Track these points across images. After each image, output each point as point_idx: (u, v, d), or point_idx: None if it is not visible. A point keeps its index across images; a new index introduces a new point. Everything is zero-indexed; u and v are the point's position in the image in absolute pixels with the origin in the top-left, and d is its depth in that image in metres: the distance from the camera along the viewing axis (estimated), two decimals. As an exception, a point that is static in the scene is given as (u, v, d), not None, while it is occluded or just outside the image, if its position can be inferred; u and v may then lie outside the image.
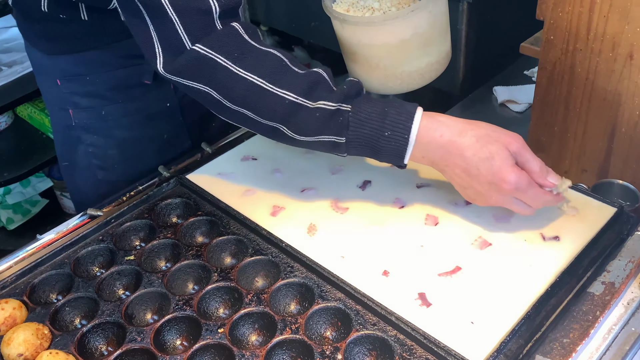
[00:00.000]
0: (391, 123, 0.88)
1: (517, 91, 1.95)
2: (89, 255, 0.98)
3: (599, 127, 1.41)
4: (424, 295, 0.87)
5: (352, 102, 0.89)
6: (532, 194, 0.89)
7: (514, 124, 1.89)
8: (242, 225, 1.00)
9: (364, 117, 0.89)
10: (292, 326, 0.85)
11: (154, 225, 1.02)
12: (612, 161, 1.44)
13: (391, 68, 1.14)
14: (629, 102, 1.32)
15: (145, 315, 0.90)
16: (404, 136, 0.88)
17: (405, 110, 0.89)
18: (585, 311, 0.79)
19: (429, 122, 0.89)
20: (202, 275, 0.94)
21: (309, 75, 0.90)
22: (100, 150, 1.24)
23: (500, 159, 0.87)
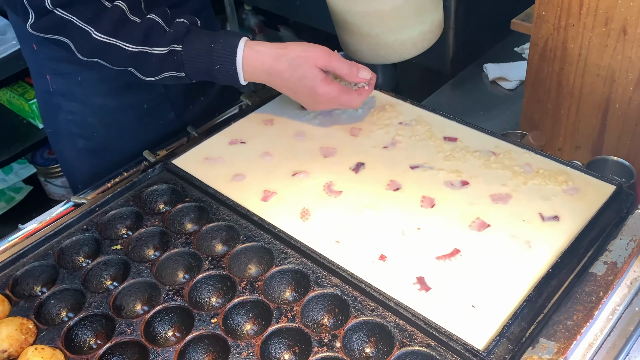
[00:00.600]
0: (218, 57, 1.02)
1: (508, 68, 1.93)
2: (73, 245, 0.94)
3: (592, 103, 1.39)
4: (422, 280, 0.84)
5: (182, 41, 1.01)
6: (344, 101, 1.07)
7: (506, 101, 1.87)
8: (232, 211, 0.97)
9: (195, 54, 1.02)
10: (288, 314, 0.82)
11: (140, 212, 0.99)
12: (606, 138, 1.43)
13: (383, 36, 1.12)
14: (623, 77, 1.30)
15: (134, 307, 0.87)
16: (232, 67, 1.03)
17: (229, 45, 1.02)
18: (588, 292, 0.78)
19: (250, 53, 1.03)
20: (193, 264, 0.91)
21: (143, 24, 1.00)
22: (79, 118, 1.24)
23: (310, 77, 1.04)
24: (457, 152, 1.04)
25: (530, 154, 1.03)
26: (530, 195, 0.95)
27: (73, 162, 1.33)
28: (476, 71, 1.96)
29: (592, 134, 1.44)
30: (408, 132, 1.10)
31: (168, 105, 1.27)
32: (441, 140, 1.07)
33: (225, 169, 1.06)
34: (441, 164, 1.02)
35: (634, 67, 1.27)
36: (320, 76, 1.04)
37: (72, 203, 1.06)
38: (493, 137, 1.08)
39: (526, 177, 0.98)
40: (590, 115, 1.41)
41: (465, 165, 1.02)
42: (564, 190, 0.95)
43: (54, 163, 2.31)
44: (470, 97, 1.89)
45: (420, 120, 1.12)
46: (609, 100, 1.36)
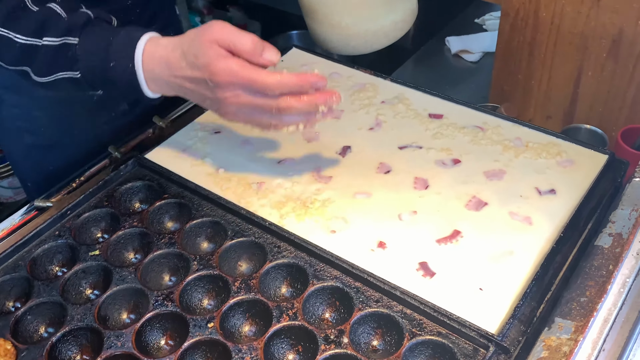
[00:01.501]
0: (114, 52, 0.84)
1: (470, 40, 1.91)
2: (46, 253, 0.87)
3: (564, 72, 1.38)
4: (425, 265, 0.81)
5: (79, 33, 0.85)
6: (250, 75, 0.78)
7: (470, 74, 1.85)
8: (216, 205, 0.91)
9: (90, 49, 0.85)
10: (289, 312, 0.77)
11: (116, 213, 0.92)
12: (577, 106, 1.42)
13: (353, 27, 1.08)
14: (596, 44, 1.29)
15: (120, 316, 0.81)
16: (128, 65, 0.84)
17: (129, 37, 0.84)
18: (597, 266, 0.76)
19: (151, 48, 0.84)
20: (179, 265, 0.85)
21: (40, 12, 0.85)
22: (24, 111, 1.15)
23: (203, 55, 0.80)
24: (445, 129, 1.01)
25: (519, 127, 1.01)
26: (524, 169, 0.93)
27: (22, 160, 1.25)
28: (438, 45, 1.93)
29: (563, 103, 1.44)
30: (391, 111, 1.06)
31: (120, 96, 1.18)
32: (426, 118, 1.04)
33: (204, 161, 0.99)
34: (430, 142, 0.99)
35: (608, 33, 1.26)
36: (216, 51, 0.79)
37: (34, 207, 0.98)
38: (479, 111, 1.05)
39: (517, 152, 0.96)
40: (562, 85, 1.41)
41: (454, 142, 0.99)
42: (558, 163, 0.93)
43: (0, 163, 2.18)
44: (434, 72, 1.87)
45: (402, 98, 1.08)
46: (581, 68, 1.35)
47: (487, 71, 1.80)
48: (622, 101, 1.32)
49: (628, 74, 1.28)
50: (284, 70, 0.80)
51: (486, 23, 1.95)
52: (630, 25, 1.22)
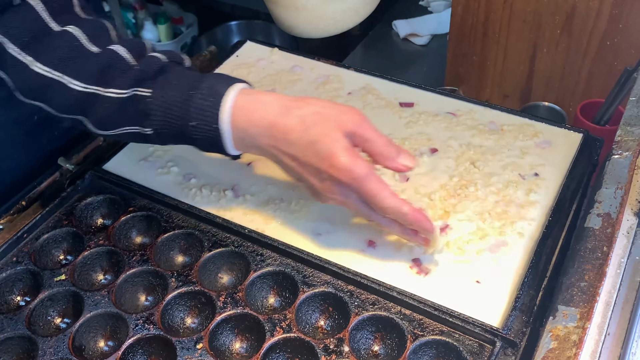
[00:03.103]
0: (196, 109, 0.73)
1: (417, 24, 1.90)
2: (5, 282, 0.79)
3: (519, 50, 1.38)
4: (418, 262, 0.78)
5: (152, 83, 0.74)
6: (372, 190, 0.70)
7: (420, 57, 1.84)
8: (188, 215, 0.85)
9: (166, 103, 0.73)
10: (282, 324, 0.73)
11: (78, 232, 0.84)
12: (534, 84, 1.43)
13: (320, 8, 1.03)
14: (550, 21, 1.30)
15: (97, 344, 0.74)
16: (212, 126, 0.73)
17: (214, 92, 0.73)
18: (591, 248, 0.75)
19: (247, 102, 0.73)
20: (155, 283, 0.79)
21: (102, 56, 0.75)
22: None
23: (329, 141, 0.70)
24: (417, 117, 0.98)
25: (490, 111, 0.99)
26: (504, 153, 0.91)
27: None
28: (385, 29, 1.91)
29: (519, 81, 1.44)
30: (361, 102, 1.02)
31: None
32: (398, 107, 1.00)
33: (169, 169, 0.93)
34: (404, 132, 0.96)
35: (561, 10, 1.26)
36: (344, 143, 0.70)
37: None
38: (449, 97, 1.03)
39: (493, 135, 0.94)
40: (518, 63, 1.41)
41: (428, 130, 0.96)
42: (536, 144, 0.92)
43: None
44: (384, 57, 1.85)
45: (369, 88, 1.05)
46: (536, 46, 1.35)
47: (436, 53, 1.79)
48: (578, 76, 1.34)
49: (582, 49, 1.29)
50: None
51: (431, 5, 1.94)
52: (583, 1, 1.23)
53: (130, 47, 0.76)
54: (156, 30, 2.40)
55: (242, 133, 0.74)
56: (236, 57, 1.14)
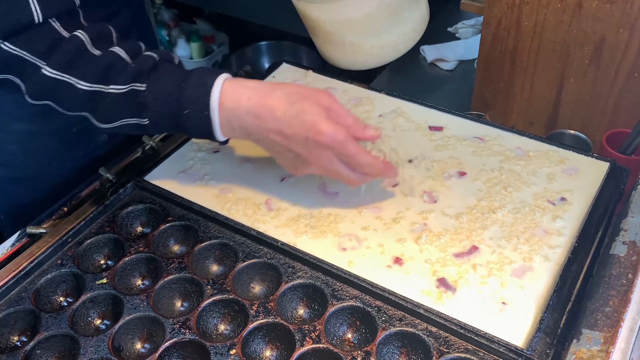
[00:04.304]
0: (188, 99, 0.82)
1: (445, 49, 1.93)
2: (49, 284, 0.83)
3: (546, 79, 1.41)
4: (444, 281, 0.80)
5: (147, 79, 0.83)
6: (351, 149, 0.82)
7: (446, 82, 1.87)
8: (224, 227, 0.89)
9: (160, 95, 0.82)
10: (312, 334, 0.75)
11: (119, 238, 0.88)
12: (560, 112, 1.45)
13: (359, 43, 1.06)
14: (578, 51, 1.32)
15: (134, 346, 0.78)
16: (203, 113, 0.82)
17: (202, 84, 0.82)
18: (616, 275, 0.77)
19: (233, 88, 0.83)
20: (191, 290, 0.83)
21: (104, 57, 0.83)
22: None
23: (311, 112, 0.81)
24: (446, 141, 1.01)
25: (517, 137, 1.02)
26: (531, 179, 0.93)
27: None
28: (413, 54, 1.95)
29: (546, 109, 1.47)
30: (391, 124, 1.05)
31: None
32: (427, 131, 1.04)
33: (206, 182, 0.97)
34: (433, 155, 0.99)
35: (589, 41, 1.29)
36: (324, 113, 0.81)
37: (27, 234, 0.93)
38: (477, 122, 1.06)
39: (521, 161, 0.97)
40: (545, 91, 1.43)
41: (457, 153, 0.99)
42: (564, 171, 0.94)
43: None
44: (411, 80, 1.88)
45: (399, 111, 1.08)
46: (564, 75, 1.38)
47: (463, 79, 1.82)
48: (604, 106, 1.36)
49: (610, 80, 1.31)
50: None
51: (459, 31, 1.97)
52: (612, 33, 1.25)
53: (128, 48, 0.85)
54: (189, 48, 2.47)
55: (229, 115, 0.82)
56: (272, 78, 1.19)
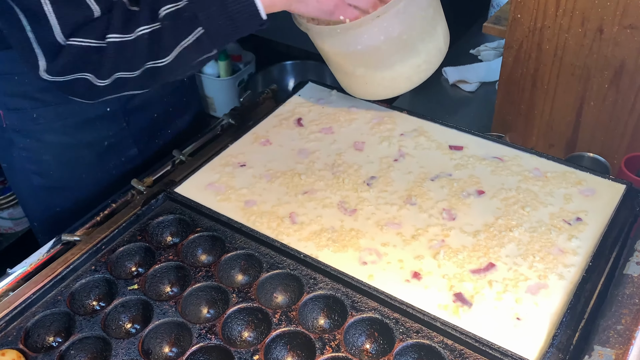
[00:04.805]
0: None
1: (467, 71, 1.96)
2: (84, 288, 0.87)
3: (567, 102, 1.43)
4: (461, 296, 0.83)
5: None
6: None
7: (467, 103, 1.90)
8: (249, 238, 0.93)
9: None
10: (332, 343, 0.79)
11: (150, 247, 0.93)
12: (579, 134, 1.47)
13: (369, 75, 1.07)
14: (598, 75, 1.34)
15: (162, 350, 0.81)
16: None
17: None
18: (629, 294, 0.79)
19: None
20: (217, 297, 0.86)
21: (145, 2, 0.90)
22: (33, 155, 1.16)
23: None
24: (466, 160, 1.04)
25: (535, 158, 1.05)
26: (548, 199, 0.96)
27: (29, 199, 1.26)
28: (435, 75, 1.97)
29: (565, 131, 1.49)
30: (412, 143, 1.09)
31: (131, 141, 1.20)
32: (447, 150, 1.07)
33: (232, 194, 1.01)
34: (454, 173, 1.02)
35: (609, 65, 1.31)
36: None
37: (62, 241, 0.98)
38: (497, 143, 1.09)
39: (538, 182, 0.99)
40: (565, 114, 1.45)
41: (476, 172, 1.02)
42: (580, 192, 0.97)
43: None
44: (433, 101, 1.91)
45: (421, 130, 1.12)
46: (583, 98, 1.40)
47: (484, 100, 1.85)
48: (624, 130, 1.37)
49: (629, 104, 1.33)
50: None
51: (481, 54, 2.00)
52: (632, 58, 1.27)
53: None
54: (216, 66, 2.53)
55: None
56: (298, 97, 1.23)
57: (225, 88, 2.54)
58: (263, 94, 1.31)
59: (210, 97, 2.58)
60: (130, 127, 1.18)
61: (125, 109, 1.16)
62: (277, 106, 1.21)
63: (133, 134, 1.19)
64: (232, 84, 2.54)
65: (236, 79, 2.55)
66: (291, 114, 1.18)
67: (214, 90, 2.56)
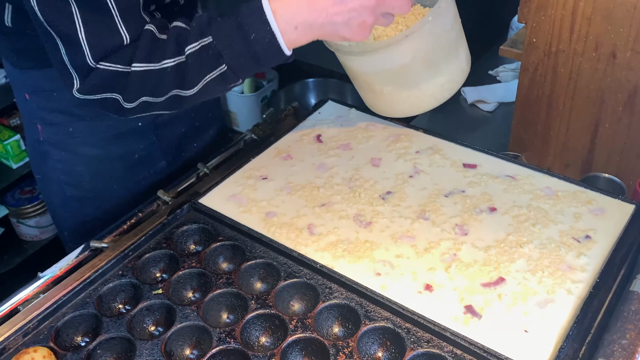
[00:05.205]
0: (248, 25, 0.91)
1: (485, 91, 1.99)
2: (111, 291, 0.92)
3: (582, 123, 1.46)
4: (471, 308, 0.86)
5: (209, 31, 0.92)
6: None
7: (486, 122, 1.92)
8: (268, 248, 0.97)
9: (226, 36, 0.91)
10: (345, 350, 0.82)
11: (174, 254, 0.97)
12: (595, 155, 1.49)
13: (396, 93, 1.11)
14: (612, 98, 1.37)
15: (183, 352, 0.86)
16: (266, 29, 0.91)
17: (252, 7, 0.91)
18: (635, 310, 0.81)
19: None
20: (236, 304, 0.91)
21: (171, 35, 0.93)
22: (67, 166, 1.22)
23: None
24: (479, 178, 1.08)
25: (548, 178, 1.08)
26: (558, 217, 0.99)
27: (61, 209, 1.31)
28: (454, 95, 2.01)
29: (581, 152, 1.51)
30: (427, 161, 1.12)
31: (160, 154, 1.26)
32: (461, 167, 1.10)
33: (254, 206, 1.05)
34: (467, 190, 1.05)
35: (623, 89, 1.34)
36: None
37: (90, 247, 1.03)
38: (510, 162, 1.12)
39: (550, 200, 1.02)
40: (580, 135, 1.48)
41: (489, 190, 1.05)
42: (590, 211, 0.99)
43: (26, 203, 2.24)
44: (451, 120, 1.94)
45: (436, 148, 1.15)
46: (599, 120, 1.42)
47: (502, 120, 1.88)
48: (639, 151, 1.40)
49: (644, 127, 1.35)
50: None
51: (500, 75, 2.04)
52: (646, 82, 1.30)
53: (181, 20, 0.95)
54: (240, 83, 2.61)
55: (286, 16, 0.91)
56: (318, 114, 1.28)
57: (249, 104, 2.61)
58: (285, 110, 1.36)
59: (234, 112, 2.64)
60: (160, 141, 1.24)
61: (155, 124, 1.22)
62: (298, 123, 1.26)
63: (162, 148, 1.25)
64: (255, 100, 2.60)
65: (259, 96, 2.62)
66: (311, 130, 1.22)
67: (238, 106, 2.63)
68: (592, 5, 1.23)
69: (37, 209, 2.24)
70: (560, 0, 1.25)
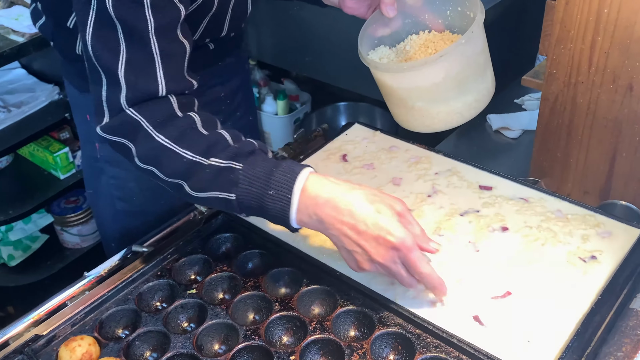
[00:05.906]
0: (276, 182, 0.90)
1: (510, 118, 2.04)
2: (149, 290, 1.02)
3: (600, 152, 1.51)
4: (478, 319, 0.93)
5: (244, 160, 0.92)
6: (415, 256, 0.89)
7: (509, 149, 1.97)
8: (294, 256, 1.05)
9: (253, 175, 0.91)
10: (359, 351, 0.90)
11: (208, 259, 1.06)
12: (613, 183, 1.54)
13: (426, 109, 1.19)
14: (630, 129, 1.42)
15: (212, 346, 0.94)
16: (286, 196, 0.90)
17: (290, 171, 0.91)
18: (632, 326, 0.87)
19: (317, 180, 0.92)
20: (262, 305, 0.99)
21: (210, 136, 0.94)
22: (120, 182, 1.31)
23: (386, 215, 0.89)
24: (494, 199, 1.15)
25: (560, 201, 1.14)
26: (567, 238, 1.05)
27: (109, 222, 1.40)
28: (480, 121, 2.07)
29: (599, 180, 1.56)
30: (445, 182, 1.20)
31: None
32: (477, 189, 1.17)
33: (281, 218, 1.14)
34: (481, 210, 1.12)
35: (640, 120, 1.39)
36: (397, 218, 0.90)
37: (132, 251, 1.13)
38: (524, 185, 1.19)
39: (559, 222, 1.09)
40: (598, 163, 1.53)
41: (502, 211, 1.12)
42: (598, 233, 1.05)
43: (71, 212, 2.37)
44: (476, 145, 2.00)
45: (454, 170, 1.23)
46: (616, 149, 1.47)
47: (525, 147, 1.93)
48: (655, 180, 1.44)
49: (660, 156, 1.40)
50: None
51: (525, 103, 2.09)
52: (662, 113, 1.35)
53: (231, 133, 0.97)
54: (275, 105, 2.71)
55: (309, 201, 0.90)
56: (345, 135, 1.36)
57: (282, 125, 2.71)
58: (315, 131, 1.45)
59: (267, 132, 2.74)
60: None
61: None
62: (326, 143, 1.35)
63: None
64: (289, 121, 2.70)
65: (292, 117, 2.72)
66: (338, 150, 1.31)
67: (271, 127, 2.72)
68: (610, 40, 1.29)
69: (79, 218, 2.37)
70: (579, 35, 1.31)
